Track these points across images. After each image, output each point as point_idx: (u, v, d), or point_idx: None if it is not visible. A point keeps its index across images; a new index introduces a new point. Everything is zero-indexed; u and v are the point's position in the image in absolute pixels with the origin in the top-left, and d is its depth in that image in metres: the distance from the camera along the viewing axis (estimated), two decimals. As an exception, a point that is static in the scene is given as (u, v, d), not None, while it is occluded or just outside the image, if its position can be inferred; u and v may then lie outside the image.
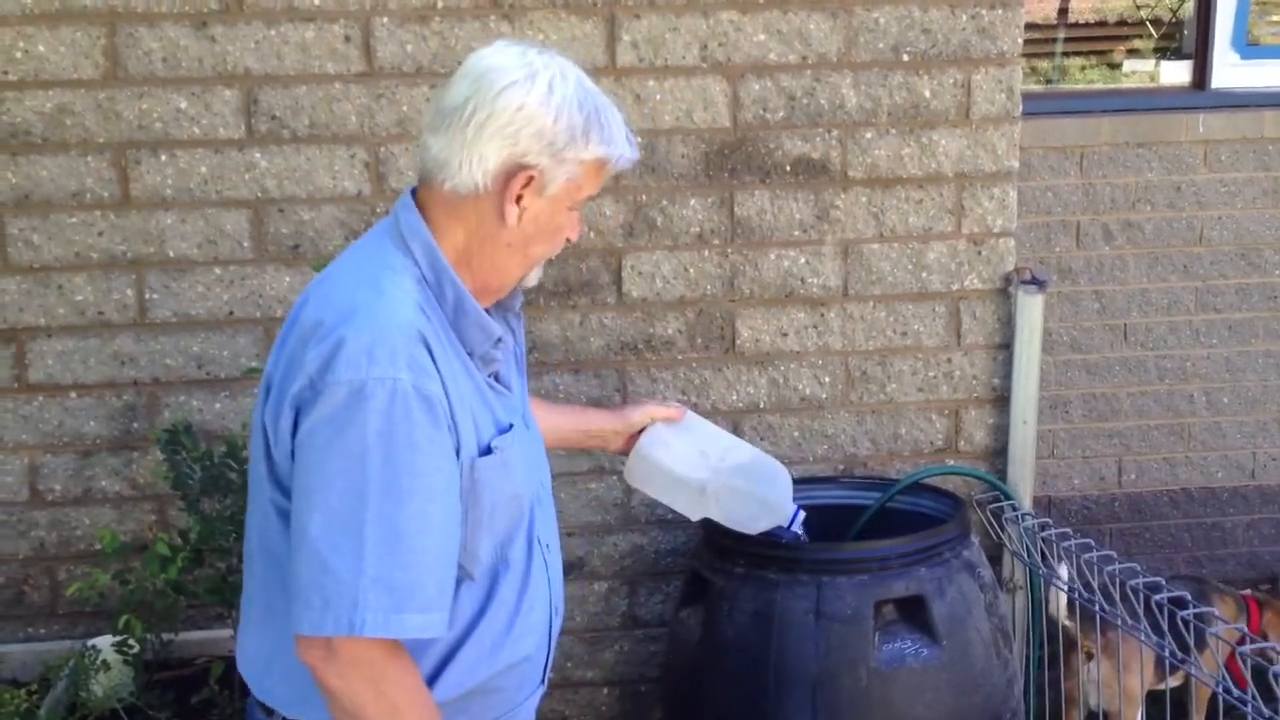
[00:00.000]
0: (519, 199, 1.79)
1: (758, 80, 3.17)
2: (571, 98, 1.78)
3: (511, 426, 1.84)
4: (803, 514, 2.63)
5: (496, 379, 1.90)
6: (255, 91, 3.05)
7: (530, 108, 1.76)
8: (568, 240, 1.91)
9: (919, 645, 2.70)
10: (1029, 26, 3.28)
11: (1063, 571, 3.02)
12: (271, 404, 1.74)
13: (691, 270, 3.23)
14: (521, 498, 1.86)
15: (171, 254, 3.10)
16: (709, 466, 2.52)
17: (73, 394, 3.12)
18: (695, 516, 2.59)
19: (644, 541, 3.33)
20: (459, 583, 1.77)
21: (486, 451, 1.78)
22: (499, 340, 1.84)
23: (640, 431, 2.47)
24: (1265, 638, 3.50)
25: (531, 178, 1.78)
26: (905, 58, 3.20)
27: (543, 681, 1.98)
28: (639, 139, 3.12)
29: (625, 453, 2.50)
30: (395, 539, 1.65)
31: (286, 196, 3.10)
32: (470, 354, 1.82)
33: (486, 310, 1.87)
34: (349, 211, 3.11)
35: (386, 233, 1.84)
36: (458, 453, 1.73)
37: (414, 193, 1.85)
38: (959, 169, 3.25)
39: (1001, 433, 3.35)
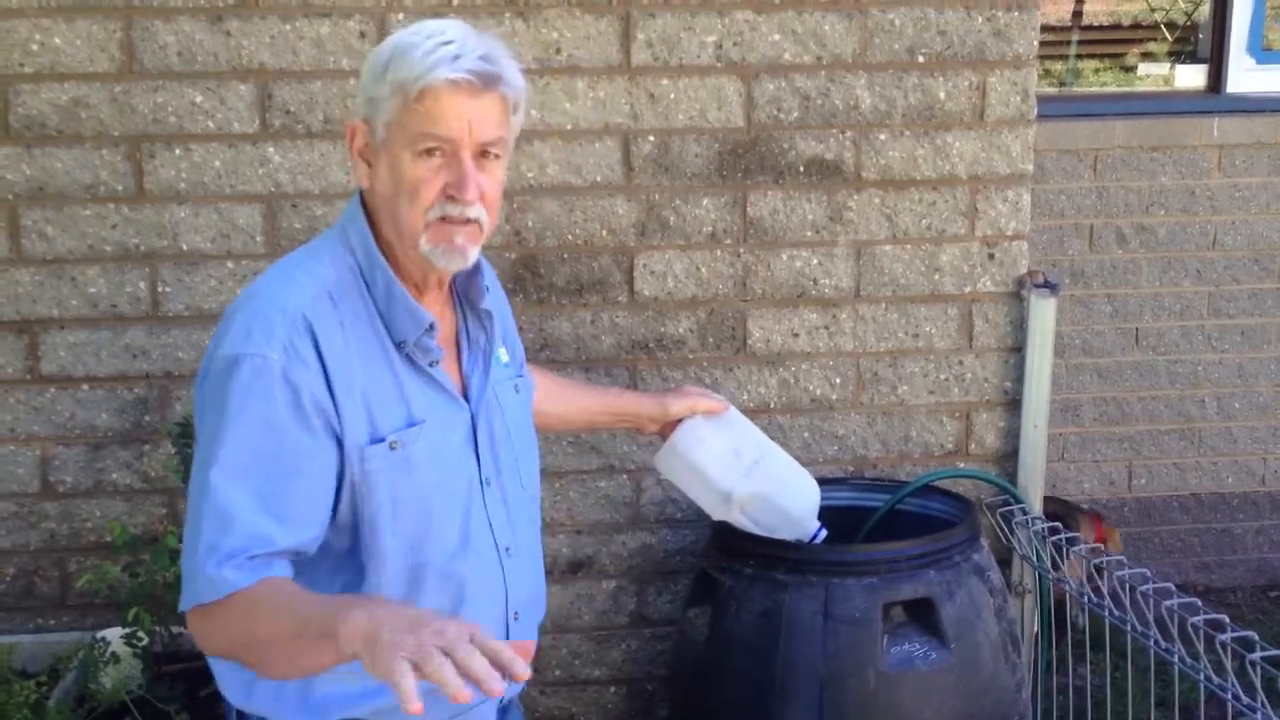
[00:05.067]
0: (366, 157, 1.82)
1: (772, 80, 3.16)
2: (389, 42, 1.80)
3: (422, 423, 1.81)
4: (824, 533, 2.59)
5: (460, 377, 1.90)
6: (270, 86, 3.06)
7: (364, 67, 1.82)
8: (453, 200, 1.77)
9: (927, 648, 2.70)
10: (1043, 29, 3.27)
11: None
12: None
13: (704, 270, 3.23)
14: (428, 496, 1.81)
15: (185, 247, 3.10)
16: (741, 469, 2.47)
17: (85, 386, 3.13)
18: (715, 517, 2.58)
19: (652, 541, 3.33)
20: (352, 581, 1.78)
21: (377, 441, 1.76)
22: (431, 327, 1.82)
23: (677, 421, 2.42)
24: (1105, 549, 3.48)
25: (355, 128, 1.81)
26: (920, 59, 3.19)
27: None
28: (652, 138, 3.15)
29: (659, 436, 2.46)
30: (225, 507, 1.66)
31: (300, 191, 3.10)
32: (401, 343, 1.81)
33: (460, 308, 1.92)
34: (362, 207, 3.12)
35: (335, 227, 1.90)
36: (340, 441, 1.74)
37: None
38: (973, 171, 3.25)
39: (1012, 436, 3.35)
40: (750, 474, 2.47)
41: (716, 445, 2.44)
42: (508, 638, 1.95)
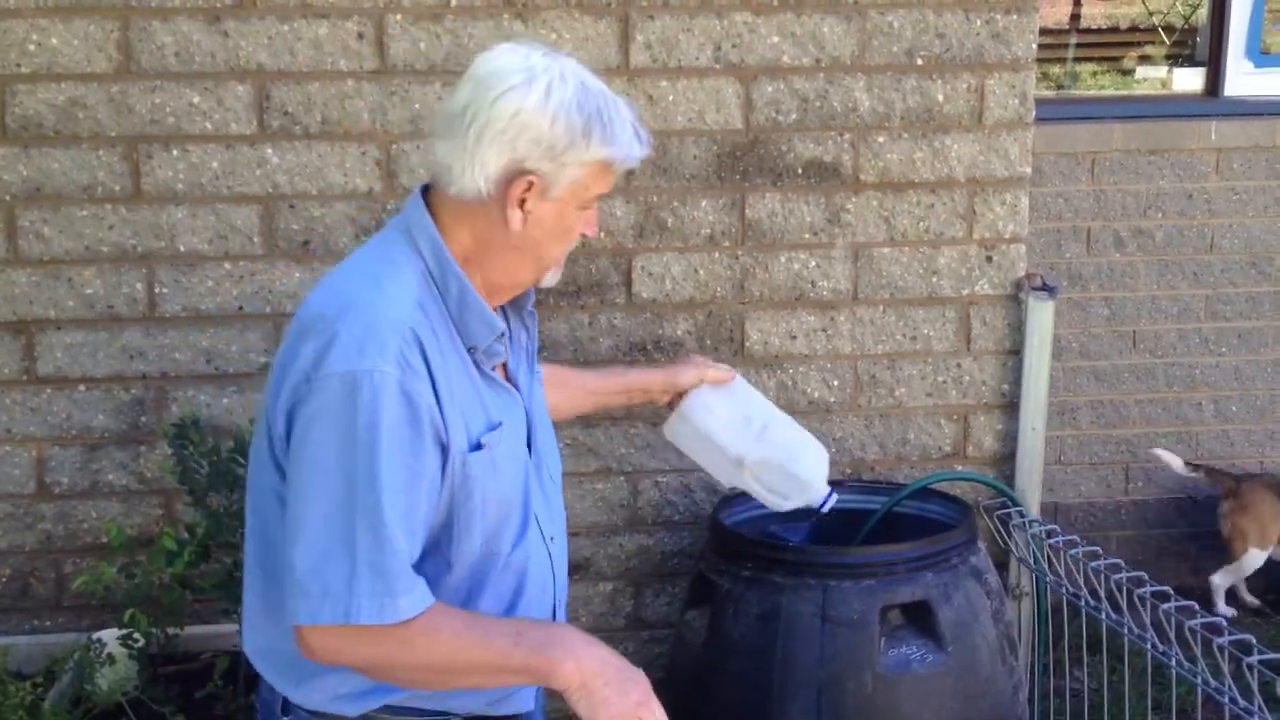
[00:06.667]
0: (522, 203, 1.79)
1: (771, 82, 3.16)
2: (570, 100, 1.77)
3: (501, 424, 1.85)
4: (835, 497, 2.50)
5: (506, 375, 1.92)
6: (268, 87, 3.05)
7: (527, 112, 1.76)
8: (584, 236, 1.91)
9: (925, 651, 2.70)
10: (1041, 32, 3.27)
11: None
12: (272, 392, 1.78)
13: (701, 272, 3.23)
14: (508, 493, 1.86)
15: (182, 248, 3.10)
16: (751, 434, 2.45)
17: (81, 387, 3.12)
18: (727, 484, 2.55)
19: (650, 543, 3.33)
20: (439, 575, 1.80)
21: (476, 447, 1.79)
22: (502, 334, 1.85)
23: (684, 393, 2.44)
24: None
25: (532, 183, 1.78)
26: (919, 61, 3.19)
27: None
28: (650, 139, 3.13)
29: (668, 408, 2.45)
30: (380, 526, 1.68)
31: (297, 193, 3.10)
32: (472, 348, 1.83)
33: (501, 307, 1.90)
34: (359, 208, 3.11)
35: (397, 228, 1.87)
36: (446, 450, 1.76)
37: (426, 190, 1.87)
38: (971, 174, 3.25)
39: (1010, 439, 3.35)
40: (760, 439, 2.45)
41: (725, 414, 2.43)
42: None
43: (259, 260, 3.11)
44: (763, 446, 2.45)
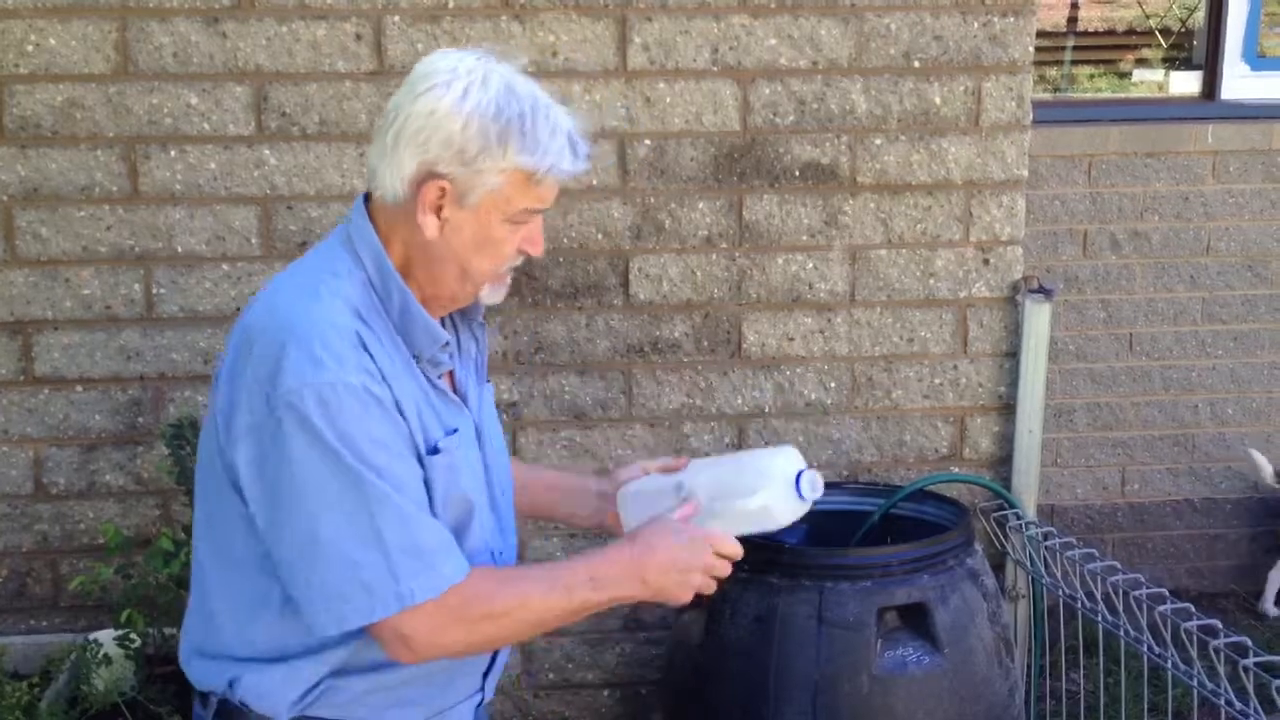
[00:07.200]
0: (439, 210, 1.74)
1: (768, 84, 3.17)
2: (488, 103, 1.71)
3: (457, 430, 1.84)
4: (812, 474, 2.01)
5: (454, 387, 1.90)
6: (266, 88, 3.06)
7: (440, 113, 1.71)
8: (525, 255, 1.83)
9: (921, 653, 2.70)
10: (1038, 34, 3.28)
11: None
12: (224, 410, 1.73)
13: (699, 273, 3.23)
14: (470, 499, 1.84)
15: (179, 249, 3.10)
16: (686, 479, 2.12)
17: (78, 387, 3.12)
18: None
19: (647, 544, 3.32)
20: None
21: (434, 451, 1.78)
22: (447, 344, 1.82)
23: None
24: None
25: (444, 188, 1.72)
26: (916, 64, 3.19)
27: (481, 689, 1.97)
28: (647, 141, 3.15)
29: (594, 524, 2.20)
30: (402, 514, 1.69)
31: (295, 194, 3.10)
32: (416, 357, 1.81)
33: (451, 318, 1.89)
34: (357, 209, 3.11)
35: (339, 237, 1.84)
36: (415, 447, 1.76)
37: (368, 197, 1.83)
38: (968, 176, 3.25)
39: (1006, 441, 3.35)
40: (697, 474, 2.12)
41: (661, 480, 2.14)
42: (483, 684, 1.98)
43: (257, 261, 3.11)
44: (701, 465, 2.15)
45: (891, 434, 3.35)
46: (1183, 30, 5.98)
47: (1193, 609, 2.54)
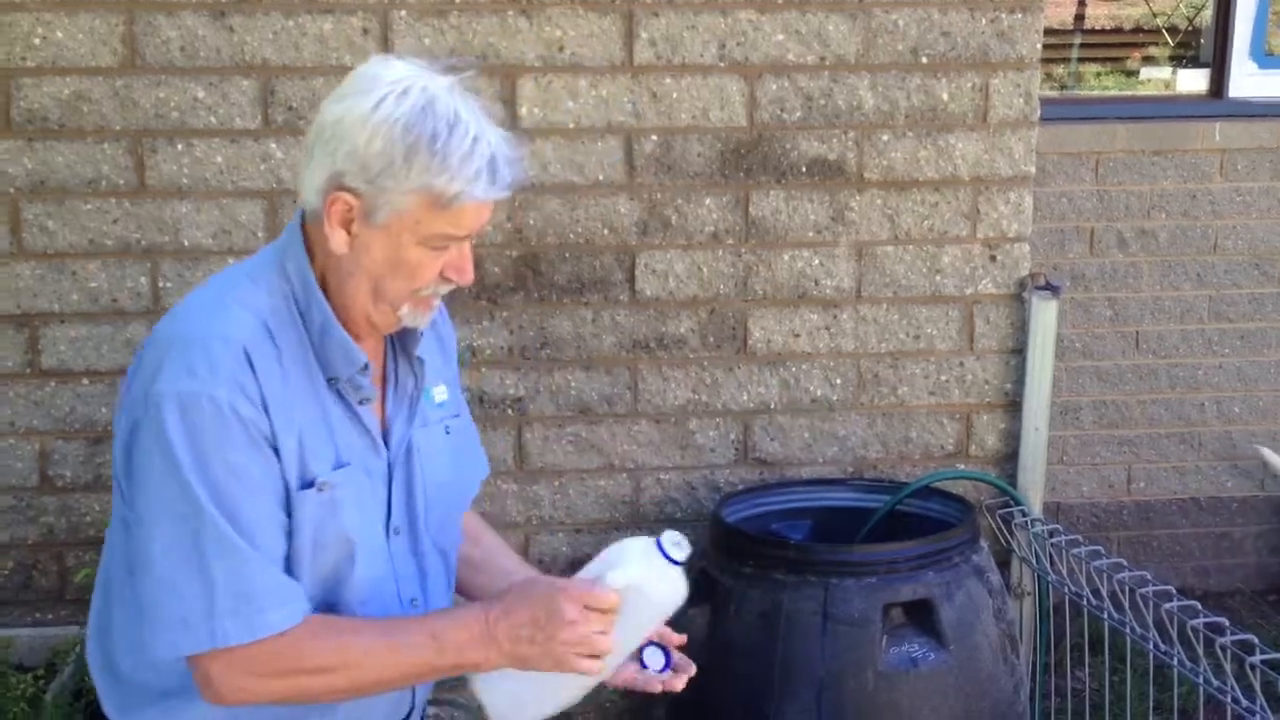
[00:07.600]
0: (349, 225, 1.67)
1: (775, 80, 3.16)
2: (399, 118, 1.62)
3: (349, 465, 1.75)
4: (670, 533, 1.84)
5: (383, 421, 1.83)
6: (272, 82, 3.06)
7: (347, 123, 1.64)
8: (449, 281, 1.73)
9: (926, 649, 2.70)
10: (1045, 31, 3.27)
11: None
12: (116, 407, 1.74)
13: (705, 269, 3.23)
14: (351, 540, 1.75)
15: (186, 243, 3.10)
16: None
17: (85, 380, 3.13)
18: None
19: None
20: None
21: (308, 485, 1.70)
22: (366, 367, 1.76)
23: None
24: None
25: (350, 203, 1.65)
26: (924, 60, 3.19)
27: None
28: (654, 136, 3.14)
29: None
30: (233, 548, 1.62)
31: (301, 188, 3.10)
32: (333, 379, 1.75)
33: (391, 351, 1.83)
34: (364, 204, 3.11)
35: (273, 250, 1.79)
36: (282, 475, 1.68)
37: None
38: (975, 173, 3.25)
39: (1012, 438, 3.35)
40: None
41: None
42: (413, 700, 1.89)
43: (263, 255, 3.11)
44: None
45: (897, 430, 3.34)
46: (1190, 28, 5.97)
47: (1199, 606, 2.53)
